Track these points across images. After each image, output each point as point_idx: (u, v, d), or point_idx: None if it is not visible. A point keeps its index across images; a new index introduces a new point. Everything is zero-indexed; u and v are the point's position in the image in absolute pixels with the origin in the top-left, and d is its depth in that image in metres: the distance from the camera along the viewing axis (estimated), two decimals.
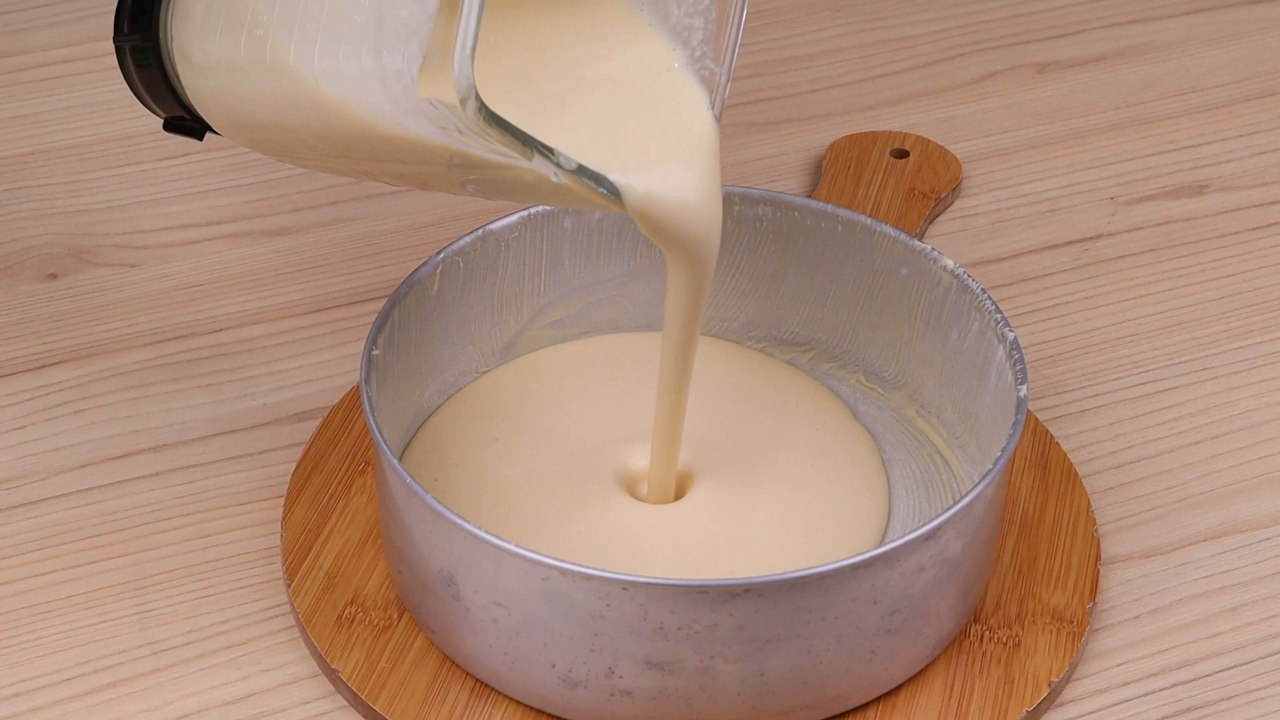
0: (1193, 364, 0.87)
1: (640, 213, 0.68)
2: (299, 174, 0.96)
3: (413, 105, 0.61)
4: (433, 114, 0.61)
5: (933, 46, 1.05)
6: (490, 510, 0.75)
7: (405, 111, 0.62)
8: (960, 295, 0.77)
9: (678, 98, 0.71)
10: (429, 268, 0.77)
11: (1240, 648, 0.75)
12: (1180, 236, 0.94)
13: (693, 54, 0.71)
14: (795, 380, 0.82)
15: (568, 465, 0.77)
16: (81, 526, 0.79)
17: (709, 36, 0.71)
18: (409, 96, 0.61)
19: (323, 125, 0.64)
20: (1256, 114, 1.01)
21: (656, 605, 0.66)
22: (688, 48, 0.71)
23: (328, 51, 0.62)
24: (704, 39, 0.71)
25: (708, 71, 0.71)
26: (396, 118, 0.62)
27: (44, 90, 1.00)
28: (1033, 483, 0.80)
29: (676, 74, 0.71)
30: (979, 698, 0.72)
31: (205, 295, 0.89)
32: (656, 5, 0.71)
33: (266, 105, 0.66)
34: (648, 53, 0.71)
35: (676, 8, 0.70)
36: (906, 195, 0.94)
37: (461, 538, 0.68)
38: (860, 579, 0.67)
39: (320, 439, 0.81)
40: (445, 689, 0.72)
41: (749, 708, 0.69)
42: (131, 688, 0.73)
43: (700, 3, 0.70)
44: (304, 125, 0.65)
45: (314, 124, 0.65)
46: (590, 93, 0.70)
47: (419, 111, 0.61)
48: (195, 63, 0.67)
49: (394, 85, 0.61)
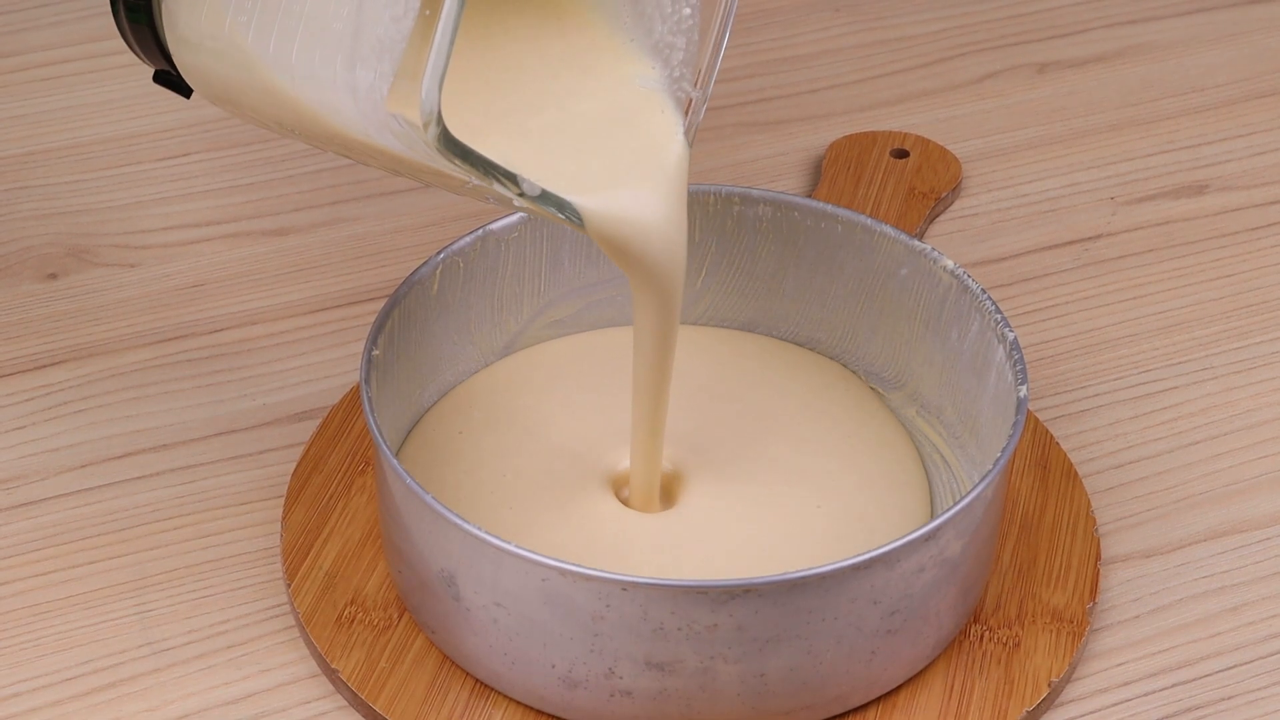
0: (1193, 364, 0.87)
1: (600, 236, 0.68)
2: (299, 174, 0.96)
3: (380, 121, 0.61)
4: (399, 131, 0.61)
5: (933, 46, 1.05)
6: (471, 508, 0.75)
7: (373, 125, 0.62)
8: (960, 295, 0.77)
9: (650, 119, 0.71)
10: (429, 268, 0.77)
11: (1240, 648, 0.75)
12: (1180, 236, 0.94)
13: (671, 74, 0.71)
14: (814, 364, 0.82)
15: (555, 467, 0.77)
16: (81, 526, 0.79)
17: (689, 58, 0.70)
18: (377, 112, 0.61)
19: (296, 120, 0.65)
20: (1256, 114, 1.01)
21: (656, 606, 0.66)
22: (667, 67, 0.71)
23: (304, 54, 0.62)
24: (684, 60, 0.70)
25: (684, 94, 0.71)
26: (365, 129, 0.62)
27: (44, 90, 1.00)
28: (1033, 483, 0.80)
29: (651, 94, 0.70)
30: (979, 698, 0.72)
31: (205, 295, 0.89)
32: (640, 22, 0.70)
33: (244, 90, 0.66)
34: (625, 72, 0.71)
35: (660, 24, 0.70)
36: (906, 195, 0.94)
37: (462, 538, 0.68)
38: (860, 579, 0.67)
39: (320, 439, 0.81)
40: (445, 689, 0.72)
41: (749, 708, 0.69)
42: (131, 688, 0.73)
43: (683, 22, 0.70)
44: (279, 116, 0.65)
45: (289, 118, 0.65)
46: (561, 111, 0.70)
47: (386, 128, 0.62)
48: (180, 34, 0.67)
49: (364, 99, 0.61)
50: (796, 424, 0.79)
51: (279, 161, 0.96)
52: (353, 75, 0.61)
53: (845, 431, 0.79)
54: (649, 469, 0.75)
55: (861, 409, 0.80)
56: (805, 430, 0.79)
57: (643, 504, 0.75)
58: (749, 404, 0.80)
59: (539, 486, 0.76)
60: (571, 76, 0.70)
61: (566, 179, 0.67)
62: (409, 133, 0.61)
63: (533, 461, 0.77)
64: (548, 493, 0.76)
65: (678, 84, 0.71)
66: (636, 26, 0.70)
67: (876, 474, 0.77)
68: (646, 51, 0.71)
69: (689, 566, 0.73)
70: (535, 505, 0.75)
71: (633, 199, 0.69)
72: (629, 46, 0.71)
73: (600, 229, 0.68)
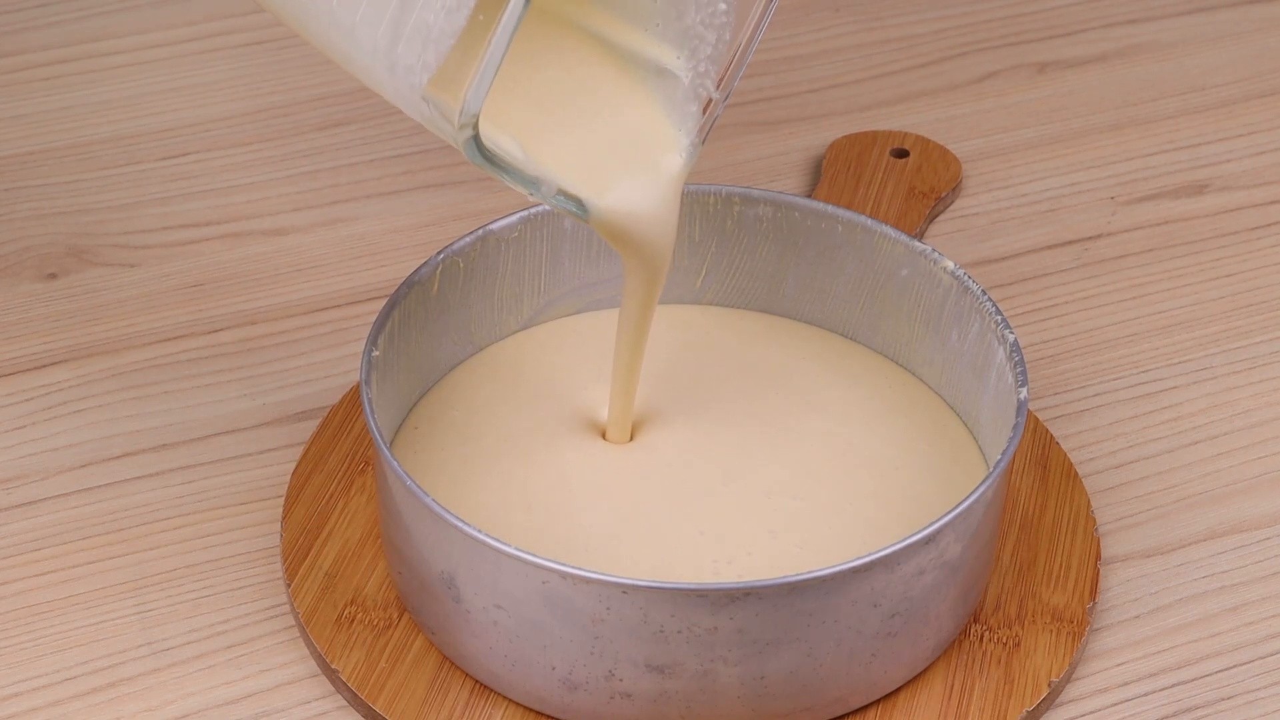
0: (1193, 364, 0.87)
1: (601, 230, 0.71)
2: (299, 174, 0.96)
3: (413, 100, 0.61)
4: (427, 115, 0.61)
5: (933, 46, 1.05)
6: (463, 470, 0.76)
7: (404, 100, 0.62)
8: (961, 296, 0.77)
9: (659, 109, 0.71)
10: (429, 268, 0.77)
11: (1240, 648, 0.75)
12: (1180, 236, 0.94)
13: (696, 68, 0.71)
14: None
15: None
16: (81, 526, 0.79)
17: (716, 55, 0.70)
18: (412, 92, 0.61)
19: (327, 49, 0.64)
20: (1256, 114, 1.01)
21: (657, 608, 0.66)
22: (693, 60, 0.71)
23: (348, 6, 0.62)
24: (711, 56, 0.70)
25: (706, 92, 0.71)
26: (394, 96, 0.62)
27: (44, 90, 1.00)
28: (1033, 483, 0.80)
29: (668, 86, 0.71)
30: (979, 698, 0.72)
31: (205, 295, 0.89)
32: (674, 3, 0.70)
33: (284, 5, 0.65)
34: (646, 53, 0.71)
35: (694, 12, 0.70)
36: (906, 195, 0.94)
37: (462, 540, 0.68)
38: (860, 582, 0.67)
39: (320, 439, 0.81)
40: (445, 689, 0.72)
41: (749, 710, 0.69)
42: (131, 688, 0.73)
43: (717, 16, 0.70)
44: (309, 36, 0.65)
45: (321, 44, 0.64)
46: (577, 97, 0.70)
47: (414, 106, 0.61)
48: None
49: (401, 77, 0.61)
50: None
51: (279, 161, 0.96)
52: (394, 50, 0.61)
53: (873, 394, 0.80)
54: (622, 423, 0.77)
55: (885, 372, 0.81)
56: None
57: (617, 437, 0.77)
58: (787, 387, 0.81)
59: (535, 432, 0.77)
60: (594, 63, 0.70)
61: (571, 167, 0.68)
62: (438, 120, 0.61)
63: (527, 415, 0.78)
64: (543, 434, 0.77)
65: (701, 79, 0.71)
66: (669, 7, 0.70)
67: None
68: (673, 37, 0.71)
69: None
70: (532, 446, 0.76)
71: (632, 198, 0.70)
72: (655, 28, 0.71)
73: (602, 225, 0.71)
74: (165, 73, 1.02)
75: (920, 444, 0.77)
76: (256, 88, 1.01)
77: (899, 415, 0.79)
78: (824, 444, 0.77)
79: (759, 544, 0.73)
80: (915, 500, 0.75)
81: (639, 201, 0.71)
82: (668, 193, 0.71)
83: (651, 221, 0.71)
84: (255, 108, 1.00)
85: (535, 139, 0.69)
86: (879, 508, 0.75)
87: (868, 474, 0.76)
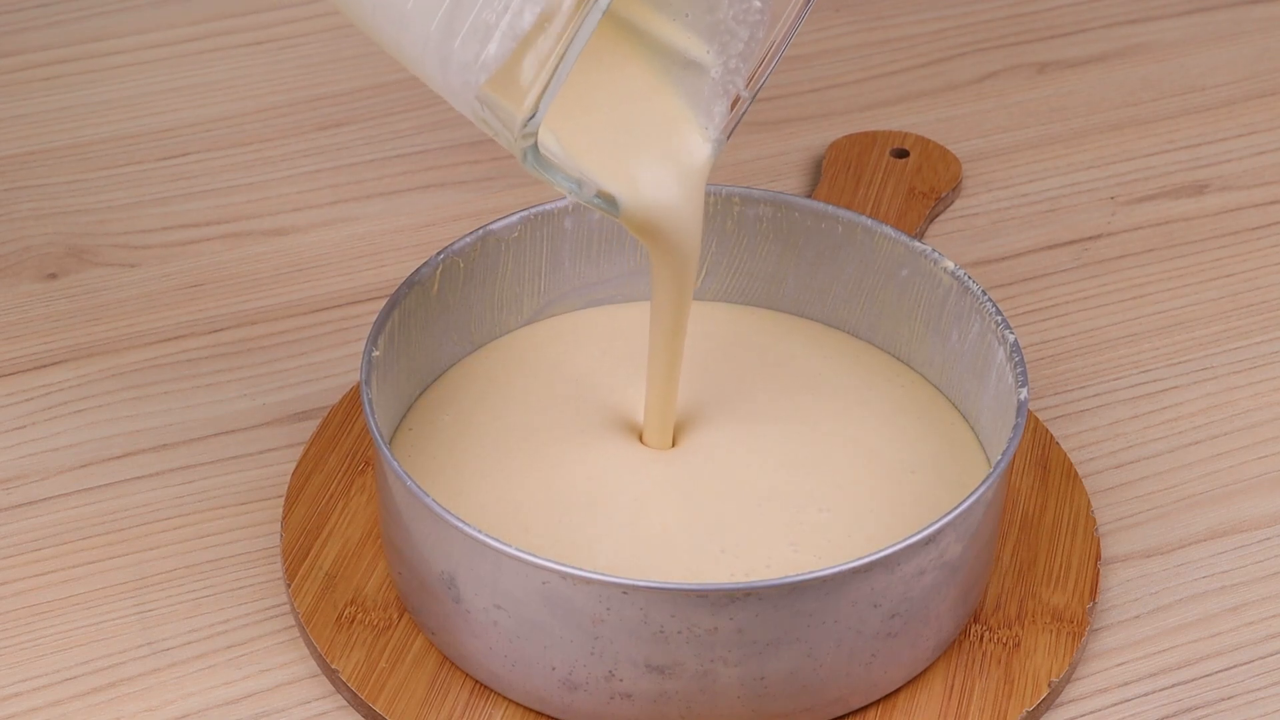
0: (1193, 364, 0.87)
1: (630, 221, 0.70)
2: (299, 174, 0.96)
3: (466, 97, 0.60)
4: (480, 115, 0.60)
5: (933, 46, 1.05)
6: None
7: (455, 95, 0.61)
8: (961, 297, 0.77)
9: (689, 106, 0.71)
10: (429, 268, 0.77)
11: (1240, 648, 0.75)
12: (1180, 236, 0.94)
13: (727, 64, 0.70)
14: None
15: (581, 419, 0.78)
16: (81, 526, 0.79)
17: (746, 53, 0.70)
18: (466, 89, 0.60)
19: (374, 33, 0.63)
20: (1256, 114, 1.01)
21: (657, 608, 0.66)
22: (723, 55, 0.70)
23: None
24: (742, 53, 0.70)
25: (734, 88, 0.71)
26: (444, 89, 0.61)
27: (44, 90, 1.00)
28: (1033, 483, 0.80)
29: (697, 80, 0.70)
30: (979, 698, 0.72)
31: (205, 295, 0.89)
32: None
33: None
34: (675, 44, 0.70)
35: (727, 6, 0.70)
36: (906, 195, 0.94)
37: (462, 540, 0.68)
38: (860, 583, 0.67)
39: (320, 439, 0.81)
40: (445, 689, 0.72)
41: (749, 711, 0.69)
42: (131, 688, 0.73)
43: (750, 14, 0.69)
44: (355, 18, 0.64)
45: (367, 27, 0.64)
46: (607, 90, 0.70)
47: (466, 103, 0.61)
48: None
49: (455, 74, 0.60)
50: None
51: (279, 161, 0.96)
52: (448, 45, 0.60)
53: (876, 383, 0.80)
54: (664, 408, 0.76)
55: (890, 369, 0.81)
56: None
57: (658, 442, 0.76)
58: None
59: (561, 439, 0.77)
60: (621, 43, 0.70)
61: (603, 162, 0.69)
62: (492, 121, 0.60)
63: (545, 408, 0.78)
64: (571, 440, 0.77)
65: (731, 76, 0.71)
66: (703, 3, 0.70)
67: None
68: (704, 30, 0.70)
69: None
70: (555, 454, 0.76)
71: (662, 193, 0.70)
72: (685, 19, 0.70)
73: (632, 221, 0.70)
74: (165, 73, 1.02)
75: (931, 446, 0.77)
76: (256, 88, 1.01)
77: (908, 415, 0.79)
78: (851, 450, 0.77)
79: (778, 555, 0.73)
80: (916, 500, 0.75)
81: (669, 196, 0.70)
82: (694, 186, 0.71)
83: (680, 215, 0.71)
84: (255, 108, 1.00)
85: (570, 133, 0.68)
86: (894, 514, 0.74)
87: (892, 483, 0.76)
